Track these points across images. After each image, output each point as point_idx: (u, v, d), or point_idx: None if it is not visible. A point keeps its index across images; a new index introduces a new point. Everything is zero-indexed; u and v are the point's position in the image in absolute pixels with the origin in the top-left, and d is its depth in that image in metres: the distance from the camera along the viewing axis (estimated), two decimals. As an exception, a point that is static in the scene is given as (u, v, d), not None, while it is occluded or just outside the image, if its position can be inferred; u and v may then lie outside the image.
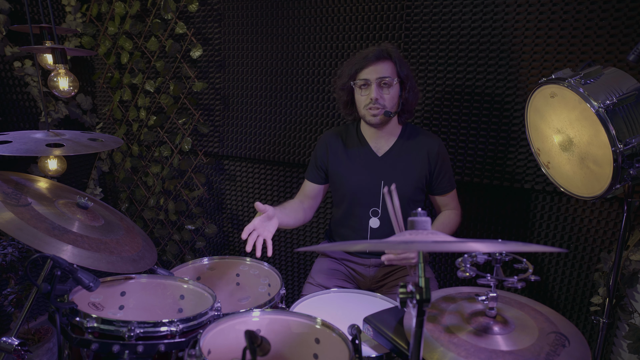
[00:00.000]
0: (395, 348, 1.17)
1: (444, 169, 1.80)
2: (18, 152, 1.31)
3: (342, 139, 1.86)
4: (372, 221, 1.80)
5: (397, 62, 1.68)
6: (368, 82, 1.67)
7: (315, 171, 1.89)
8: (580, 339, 1.07)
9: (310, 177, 1.90)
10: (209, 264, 1.79)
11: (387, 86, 1.67)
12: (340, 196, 1.86)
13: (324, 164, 1.87)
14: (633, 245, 1.74)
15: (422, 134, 1.82)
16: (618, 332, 1.84)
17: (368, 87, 1.68)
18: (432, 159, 1.77)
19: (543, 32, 1.80)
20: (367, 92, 1.68)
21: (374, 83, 1.66)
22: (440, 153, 1.78)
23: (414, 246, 0.84)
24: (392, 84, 1.68)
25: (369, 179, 1.78)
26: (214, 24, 2.47)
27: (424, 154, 1.77)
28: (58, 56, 1.78)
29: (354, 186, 1.80)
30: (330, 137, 1.87)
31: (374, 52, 1.66)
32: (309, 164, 1.93)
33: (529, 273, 1.09)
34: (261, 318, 1.30)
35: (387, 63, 1.67)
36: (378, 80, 1.66)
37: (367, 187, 1.78)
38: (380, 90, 1.67)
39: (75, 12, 2.66)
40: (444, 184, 1.81)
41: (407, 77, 1.72)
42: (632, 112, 1.26)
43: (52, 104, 2.63)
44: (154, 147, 2.77)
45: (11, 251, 2.09)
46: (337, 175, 1.83)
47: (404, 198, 1.73)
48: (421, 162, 1.77)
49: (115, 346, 1.15)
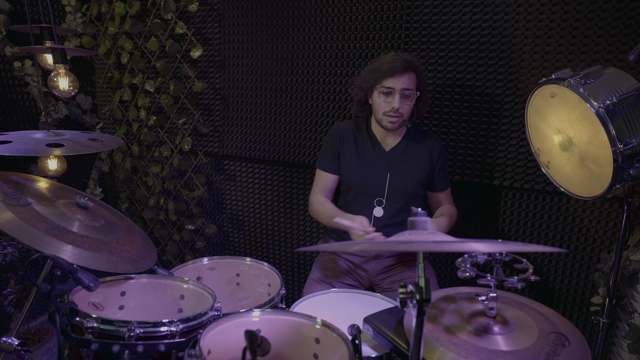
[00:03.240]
0: (395, 348, 1.18)
1: (444, 168, 1.91)
2: (18, 152, 1.31)
3: (353, 133, 1.93)
4: (376, 210, 1.87)
5: (418, 75, 1.78)
6: (392, 91, 1.74)
7: (333, 161, 1.94)
8: (580, 339, 1.07)
9: (328, 168, 1.95)
10: (209, 264, 1.79)
11: (408, 97, 1.76)
12: (346, 186, 1.94)
13: (339, 153, 1.93)
14: (633, 245, 1.74)
15: (425, 135, 1.93)
16: (618, 332, 1.84)
17: (391, 95, 1.75)
18: (435, 158, 1.88)
19: (543, 32, 1.80)
20: (390, 100, 1.75)
21: (398, 93, 1.73)
22: (442, 153, 1.90)
23: (414, 246, 0.84)
24: (412, 96, 1.77)
25: (376, 171, 1.87)
26: (214, 24, 2.47)
27: (427, 152, 1.87)
28: (58, 56, 1.78)
29: (361, 177, 1.87)
30: (343, 129, 1.94)
31: (401, 62, 1.72)
32: (323, 155, 1.97)
33: (529, 273, 1.09)
34: (261, 318, 1.30)
35: (411, 75, 1.75)
36: (402, 91, 1.74)
37: (374, 177, 1.87)
38: (401, 100, 1.74)
39: (75, 12, 2.66)
40: (443, 182, 1.92)
41: (424, 89, 1.82)
42: (632, 112, 1.26)
43: (52, 104, 2.63)
44: (154, 147, 2.77)
45: (11, 251, 2.09)
46: (347, 165, 1.91)
47: (407, 191, 1.87)
48: (424, 160, 1.87)
49: (115, 346, 1.15)
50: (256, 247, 2.69)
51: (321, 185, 1.96)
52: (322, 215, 1.87)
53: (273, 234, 2.60)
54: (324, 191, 1.96)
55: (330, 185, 1.96)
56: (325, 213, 1.86)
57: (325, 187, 1.96)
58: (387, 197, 1.86)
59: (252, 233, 2.67)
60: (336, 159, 1.93)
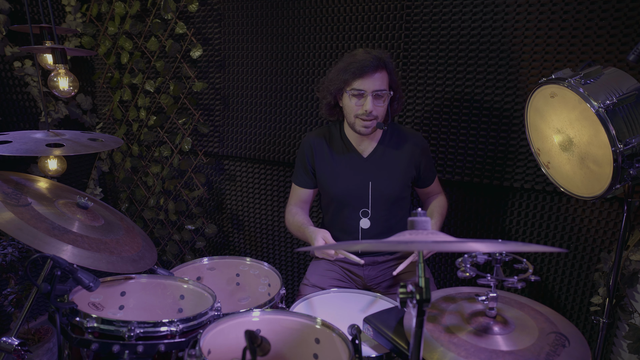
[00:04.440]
0: (395, 348, 1.18)
1: (429, 164, 1.86)
2: (18, 152, 1.31)
3: (326, 142, 1.83)
4: (363, 222, 1.80)
5: (390, 72, 1.67)
6: (364, 93, 1.63)
7: (305, 176, 1.87)
8: (580, 339, 1.07)
9: (302, 183, 1.89)
10: (209, 264, 1.79)
11: (380, 98, 1.66)
12: (328, 199, 1.86)
13: (312, 167, 1.85)
14: (633, 245, 1.74)
15: (404, 134, 1.83)
16: (618, 332, 1.84)
17: (362, 97, 1.64)
18: (417, 159, 1.80)
19: (543, 32, 1.80)
20: (362, 103, 1.65)
21: (370, 95, 1.63)
22: (424, 149, 1.82)
23: (414, 246, 0.84)
24: (386, 96, 1.67)
25: (357, 180, 1.78)
26: (214, 24, 2.47)
27: (409, 152, 1.79)
28: (58, 56, 1.78)
29: (342, 188, 1.79)
30: (314, 140, 1.84)
31: (370, 61, 1.61)
32: (296, 170, 1.90)
33: (529, 273, 1.09)
34: (261, 318, 1.30)
35: (383, 73, 1.64)
36: (374, 93, 1.63)
37: (355, 188, 1.78)
38: (374, 102, 1.64)
39: (75, 12, 2.66)
40: (429, 176, 1.87)
41: (397, 86, 1.72)
42: (632, 112, 1.26)
43: (52, 104, 2.63)
44: (154, 147, 2.77)
45: (11, 251, 2.09)
46: (325, 178, 1.82)
47: (391, 197, 1.79)
48: (407, 160, 1.79)
49: (115, 346, 1.15)
50: (256, 247, 2.69)
51: (296, 198, 1.92)
52: (292, 227, 1.85)
53: (273, 234, 2.60)
54: (298, 203, 1.91)
55: (305, 197, 1.91)
56: (294, 225, 1.83)
57: (300, 200, 1.91)
58: (372, 207, 1.78)
59: (252, 233, 2.67)
60: (309, 174, 1.85)
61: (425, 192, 1.92)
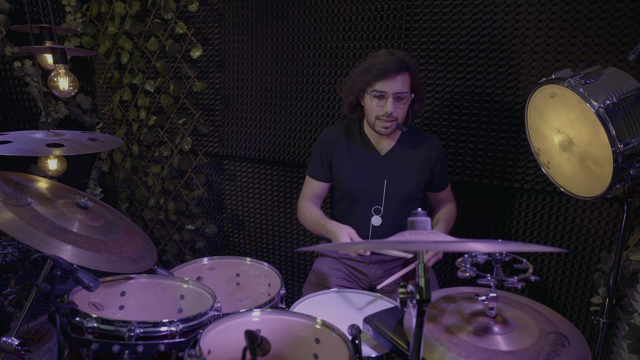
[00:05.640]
0: (395, 348, 1.17)
1: (443, 169, 1.86)
2: (18, 152, 1.31)
3: (346, 138, 1.85)
4: (374, 219, 1.80)
5: (413, 75, 1.68)
6: (385, 94, 1.64)
7: (321, 169, 1.87)
8: (580, 339, 1.07)
9: (317, 176, 1.88)
10: (209, 264, 1.79)
11: (401, 100, 1.67)
12: (341, 194, 1.86)
13: (329, 161, 1.85)
14: (633, 245, 1.74)
15: (422, 136, 1.85)
16: (618, 332, 1.84)
17: (384, 99, 1.65)
18: (433, 161, 1.81)
19: (543, 32, 1.80)
20: (382, 104, 1.66)
21: (391, 97, 1.64)
22: (440, 153, 1.83)
23: (414, 246, 0.84)
24: (407, 99, 1.68)
25: (372, 177, 1.79)
26: (214, 24, 2.47)
27: (425, 154, 1.80)
28: (58, 56, 1.78)
29: (357, 184, 1.80)
30: (334, 136, 1.85)
31: (393, 63, 1.61)
32: (312, 162, 1.90)
33: (529, 273, 1.09)
34: (261, 318, 1.30)
35: (405, 76, 1.65)
36: (395, 95, 1.64)
37: (370, 185, 1.79)
38: (394, 104, 1.65)
39: (75, 12, 2.66)
40: (443, 181, 1.88)
41: (419, 88, 1.73)
42: (632, 112, 1.26)
43: (52, 104, 2.63)
44: (154, 147, 2.77)
45: (11, 251, 2.09)
46: (340, 173, 1.83)
47: (405, 196, 1.80)
48: (422, 162, 1.80)
49: (115, 346, 1.15)
50: (256, 247, 2.69)
51: (309, 191, 1.90)
52: (308, 221, 1.84)
53: (273, 234, 2.60)
54: (312, 197, 1.90)
55: (319, 192, 1.90)
56: (311, 218, 1.81)
57: (313, 194, 1.90)
58: (385, 205, 1.79)
59: (252, 233, 2.67)
60: (326, 167, 1.85)
61: (436, 197, 1.91)
